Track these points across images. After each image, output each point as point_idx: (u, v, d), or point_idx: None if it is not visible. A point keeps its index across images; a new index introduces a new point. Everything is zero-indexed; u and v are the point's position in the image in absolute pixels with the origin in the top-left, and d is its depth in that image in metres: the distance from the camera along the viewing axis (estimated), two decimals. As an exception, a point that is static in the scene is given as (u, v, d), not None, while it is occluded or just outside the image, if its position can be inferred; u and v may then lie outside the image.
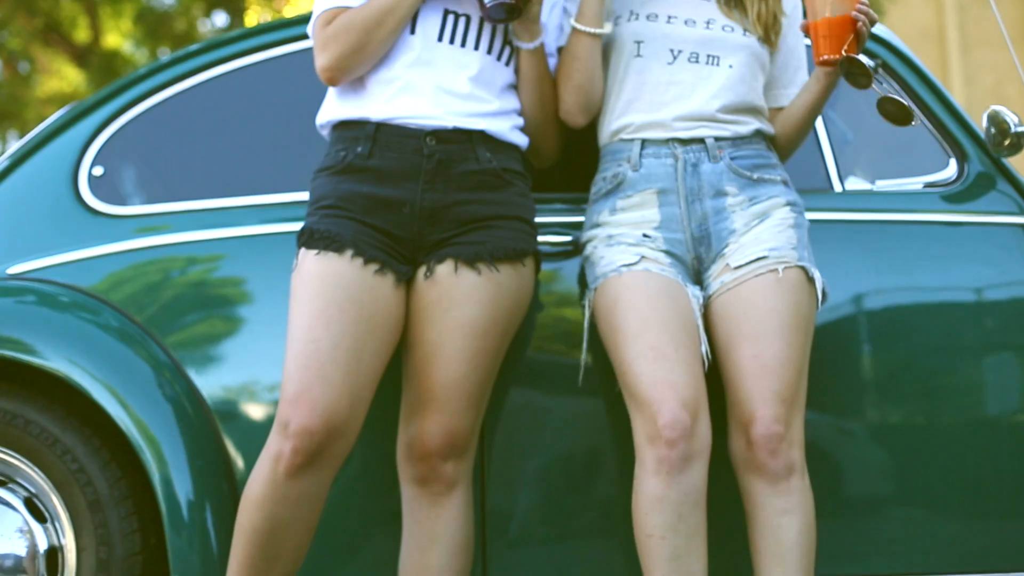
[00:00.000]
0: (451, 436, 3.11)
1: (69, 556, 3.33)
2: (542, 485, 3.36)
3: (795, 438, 3.05)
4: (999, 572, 3.27)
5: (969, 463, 3.32)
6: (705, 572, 3.05)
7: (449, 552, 3.15)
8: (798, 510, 3.04)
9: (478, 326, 3.10)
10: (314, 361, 2.99)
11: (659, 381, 3.03)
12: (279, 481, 2.99)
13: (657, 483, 3.01)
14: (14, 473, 3.38)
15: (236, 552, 3.06)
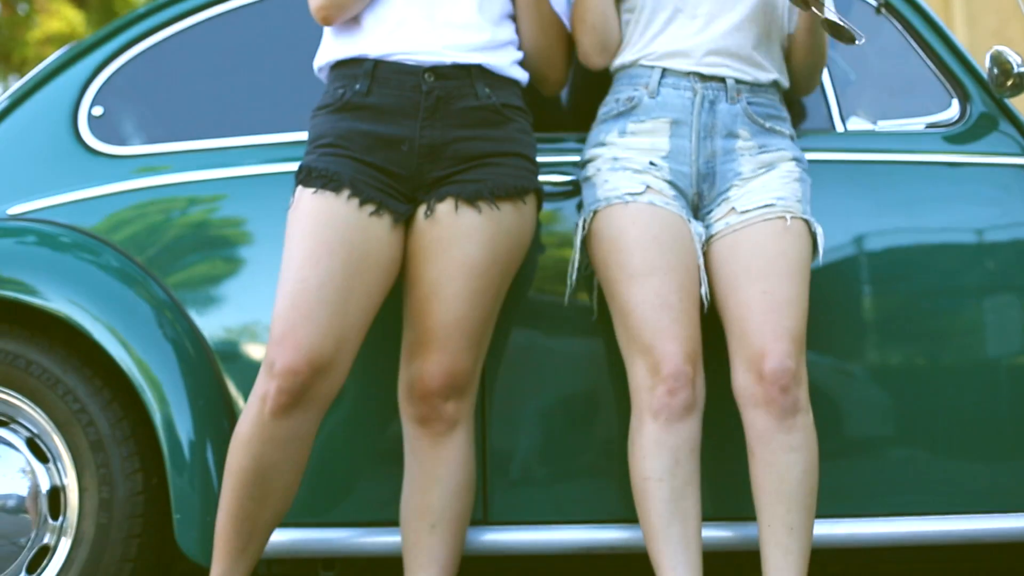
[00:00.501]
0: (452, 376, 3.11)
1: (71, 496, 3.34)
2: (542, 425, 3.37)
3: (802, 377, 3.07)
4: (998, 512, 3.28)
5: (969, 404, 3.32)
6: (700, 515, 3.07)
7: (451, 492, 3.16)
8: (803, 448, 3.05)
9: (478, 265, 3.09)
10: (301, 300, 2.99)
11: (663, 331, 3.04)
12: (265, 421, 3.00)
13: (656, 428, 3.04)
14: (16, 414, 3.38)
15: (225, 492, 3.07)
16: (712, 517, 3.27)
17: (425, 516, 3.16)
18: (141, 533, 3.28)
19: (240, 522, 3.07)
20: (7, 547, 3.33)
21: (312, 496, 3.34)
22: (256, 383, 3.03)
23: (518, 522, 3.32)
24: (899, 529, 3.28)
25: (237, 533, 3.08)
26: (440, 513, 3.16)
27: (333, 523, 3.33)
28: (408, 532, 3.17)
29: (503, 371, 3.35)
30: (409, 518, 3.18)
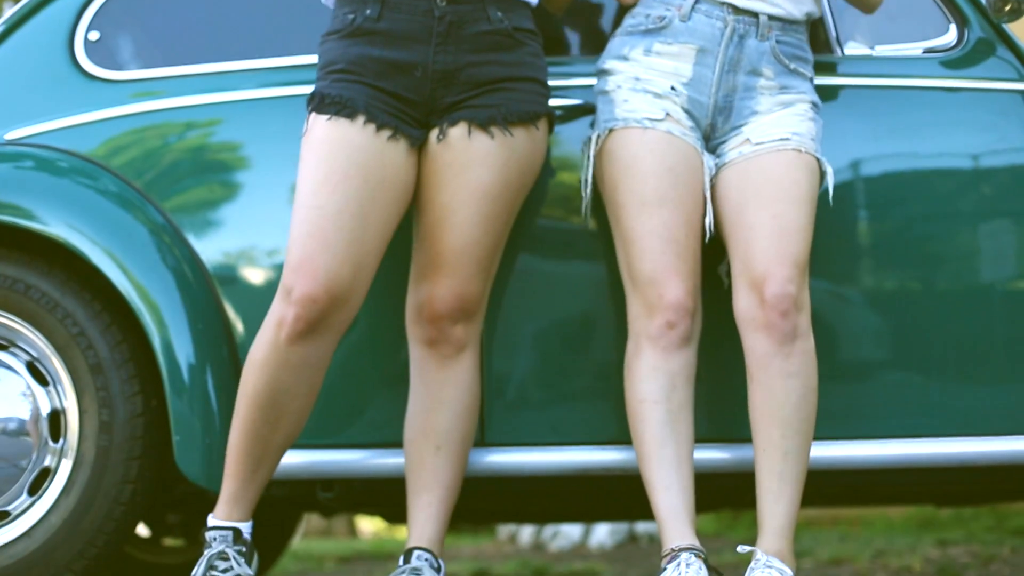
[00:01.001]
0: (461, 300, 3.13)
1: (71, 419, 3.35)
2: (540, 349, 3.39)
3: (804, 303, 3.08)
4: (992, 435, 3.30)
5: (964, 328, 3.33)
6: (692, 438, 3.09)
7: (456, 414, 3.18)
8: (801, 374, 3.07)
9: (490, 190, 3.10)
10: (317, 228, 2.99)
11: (667, 266, 3.06)
12: (281, 346, 3.02)
13: (653, 355, 3.06)
14: (15, 337, 3.39)
15: (239, 414, 3.10)
16: (709, 439, 3.29)
17: (430, 437, 3.18)
18: (141, 455, 3.30)
19: (252, 444, 3.10)
20: (8, 470, 3.35)
21: (311, 418, 3.34)
22: (272, 307, 3.04)
23: (515, 444, 3.34)
24: (894, 452, 3.30)
25: (249, 455, 3.10)
26: (446, 434, 3.18)
27: (332, 445, 3.35)
28: (412, 453, 3.20)
29: (502, 295, 3.35)
30: (414, 439, 3.20)
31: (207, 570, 3.10)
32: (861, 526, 7.88)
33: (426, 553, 3.13)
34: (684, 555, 2.99)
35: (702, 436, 3.26)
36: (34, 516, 3.33)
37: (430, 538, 3.16)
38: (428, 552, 3.14)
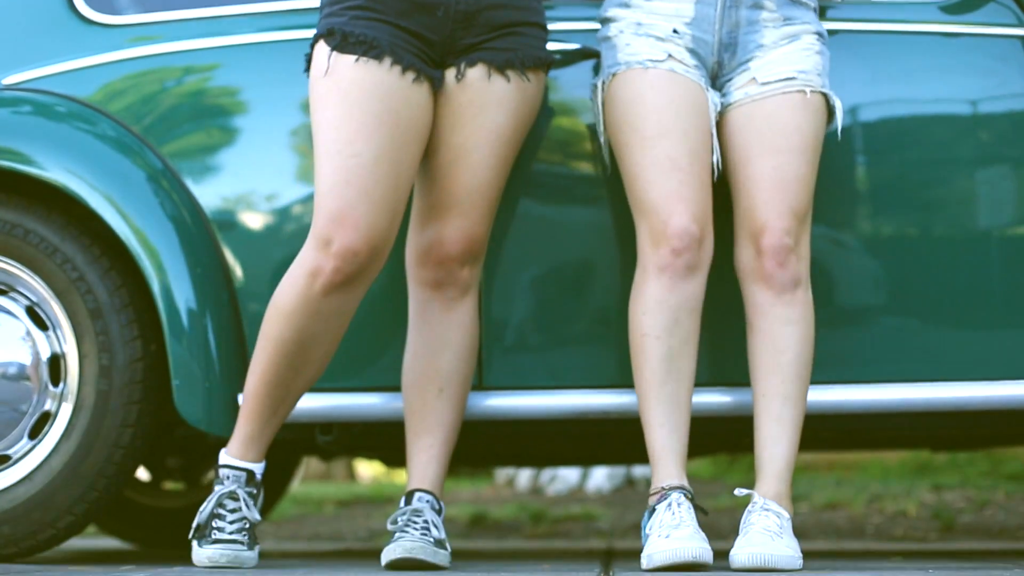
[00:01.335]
0: (471, 241, 3.13)
1: (71, 363, 3.36)
2: (538, 292, 3.39)
3: (803, 252, 3.09)
4: (988, 380, 3.31)
5: (961, 274, 3.33)
6: (693, 376, 3.10)
7: (459, 356, 3.20)
8: (800, 321, 3.09)
9: (505, 133, 3.11)
10: (356, 177, 2.97)
11: (672, 193, 3.05)
12: (314, 296, 3.01)
13: (658, 287, 3.06)
14: (15, 282, 3.39)
15: (262, 360, 3.09)
16: (711, 382, 3.31)
17: (434, 380, 3.19)
18: (141, 399, 3.31)
19: (274, 388, 3.10)
20: (8, 414, 3.36)
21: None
22: (304, 256, 3.02)
23: (514, 387, 3.35)
24: (890, 396, 3.30)
25: (270, 398, 3.11)
26: (448, 377, 3.19)
27: (331, 388, 3.36)
28: (414, 396, 3.20)
29: (500, 238, 3.35)
30: (415, 382, 3.20)
31: (216, 507, 3.12)
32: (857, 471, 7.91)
33: (427, 495, 3.15)
34: (674, 495, 3.01)
35: (701, 380, 3.27)
36: (35, 460, 3.34)
37: (431, 480, 3.17)
38: (429, 494, 3.16)
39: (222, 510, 3.11)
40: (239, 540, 3.10)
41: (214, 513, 3.11)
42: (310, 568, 3.17)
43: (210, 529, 3.11)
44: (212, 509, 3.12)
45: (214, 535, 3.10)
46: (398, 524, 3.10)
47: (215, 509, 3.11)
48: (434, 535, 3.08)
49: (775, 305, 3.08)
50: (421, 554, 3.01)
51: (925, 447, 4.56)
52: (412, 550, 3.01)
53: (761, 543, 2.92)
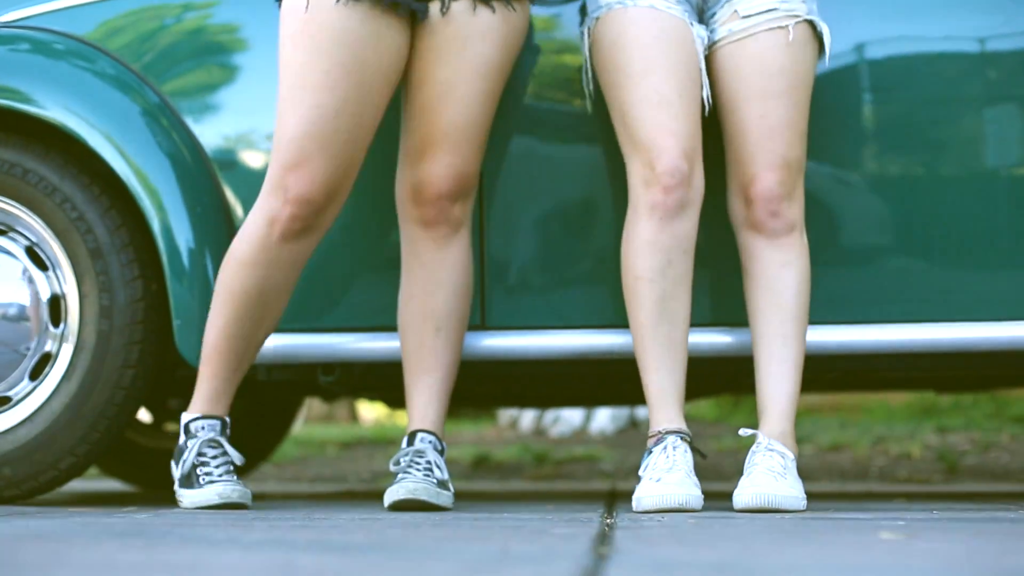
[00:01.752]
0: (461, 178, 3.11)
1: (71, 303, 3.35)
2: (540, 232, 3.37)
3: (796, 197, 3.07)
4: (993, 320, 3.29)
5: (967, 214, 3.31)
6: (688, 317, 3.09)
7: (455, 295, 3.18)
8: (796, 263, 3.08)
9: (491, 66, 3.07)
10: (316, 128, 2.98)
11: (660, 128, 3.02)
12: (273, 244, 3.04)
13: (649, 227, 3.04)
14: (14, 222, 3.38)
15: (222, 313, 3.11)
16: (711, 323, 3.29)
17: (430, 320, 3.17)
18: (141, 339, 3.30)
19: (236, 342, 3.12)
20: (9, 355, 3.35)
21: (311, 302, 3.35)
22: (260, 204, 3.04)
23: (516, 327, 3.34)
24: (895, 336, 3.29)
25: (233, 352, 3.12)
26: (445, 316, 3.18)
27: (332, 328, 3.35)
28: (411, 336, 3.19)
29: (501, 178, 3.34)
30: (412, 322, 3.19)
31: (197, 456, 3.11)
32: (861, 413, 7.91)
33: (430, 436, 3.14)
34: (670, 438, 3.00)
35: (703, 320, 3.26)
36: (36, 401, 3.33)
37: (432, 420, 3.16)
38: (432, 435, 3.14)
39: (204, 457, 3.11)
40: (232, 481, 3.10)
41: (197, 462, 3.11)
42: (312, 509, 3.17)
43: (197, 476, 3.11)
44: (194, 459, 3.11)
45: (204, 480, 3.09)
46: (400, 465, 3.10)
47: (197, 458, 3.11)
48: (437, 476, 3.07)
49: (769, 249, 3.07)
50: (424, 495, 3.00)
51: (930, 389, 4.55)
52: (415, 491, 3.00)
53: (765, 483, 2.91)
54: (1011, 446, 6.39)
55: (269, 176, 3.03)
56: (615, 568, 1.71)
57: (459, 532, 2.32)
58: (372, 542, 2.16)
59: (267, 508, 3.23)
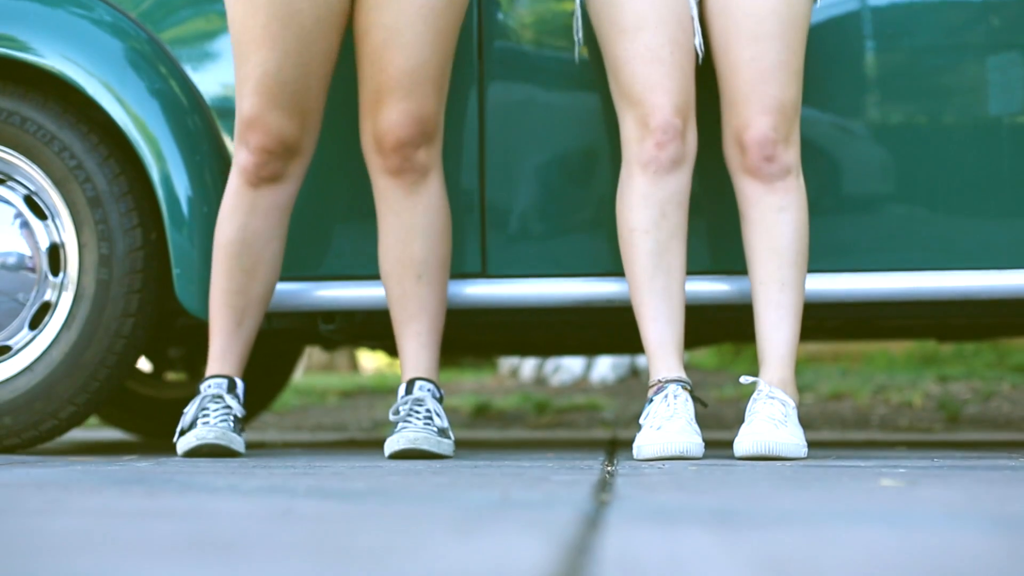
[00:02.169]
0: (421, 123, 3.09)
1: (71, 252, 3.34)
2: (541, 180, 3.36)
3: (791, 141, 3.06)
4: (996, 269, 3.28)
5: (969, 162, 3.30)
6: (684, 268, 3.08)
7: (432, 239, 3.16)
8: (793, 207, 3.06)
9: (436, 6, 3.05)
10: (262, 85, 3.05)
11: (653, 85, 3.02)
12: (247, 191, 3.12)
13: (644, 181, 3.04)
14: (12, 171, 3.36)
15: (217, 269, 3.17)
16: (710, 271, 3.29)
17: (409, 268, 3.16)
18: (141, 288, 3.29)
19: (233, 296, 3.14)
20: (9, 304, 3.34)
21: (311, 250, 3.34)
22: (235, 157, 3.12)
23: (516, 275, 3.33)
24: (897, 284, 3.28)
25: (232, 307, 3.14)
26: (425, 262, 3.16)
27: (332, 276, 3.34)
28: (393, 285, 3.18)
29: (501, 126, 3.32)
30: (393, 271, 3.18)
31: (199, 410, 3.11)
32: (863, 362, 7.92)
33: (427, 383, 3.14)
34: (671, 387, 3.00)
35: (704, 268, 3.26)
36: (35, 350, 3.33)
37: (426, 367, 3.16)
38: (429, 382, 3.14)
39: (206, 410, 3.11)
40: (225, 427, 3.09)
41: (198, 415, 3.11)
42: (313, 457, 3.17)
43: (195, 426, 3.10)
44: (196, 412, 3.11)
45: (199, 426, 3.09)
46: (400, 414, 3.09)
47: (198, 412, 3.11)
48: (437, 424, 3.07)
49: (766, 194, 3.06)
50: (425, 444, 3.00)
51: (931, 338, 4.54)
52: (416, 441, 3.00)
53: (765, 431, 2.91)
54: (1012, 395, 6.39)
55: (235, 128, 3.13)
56: (616, 514, 1.71)
57: (459, 479, 2.32)
58: (372, 489, 2.16)
59: (268, 456, 3.23)
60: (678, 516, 1.70)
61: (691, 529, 1.55)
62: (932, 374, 6.92)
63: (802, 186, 3.09)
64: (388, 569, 1.23)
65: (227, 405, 3.13)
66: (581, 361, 7.36)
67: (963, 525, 1.65)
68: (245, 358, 3.21)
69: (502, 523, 1.62)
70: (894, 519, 1.70)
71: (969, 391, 6.46)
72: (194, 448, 3.05)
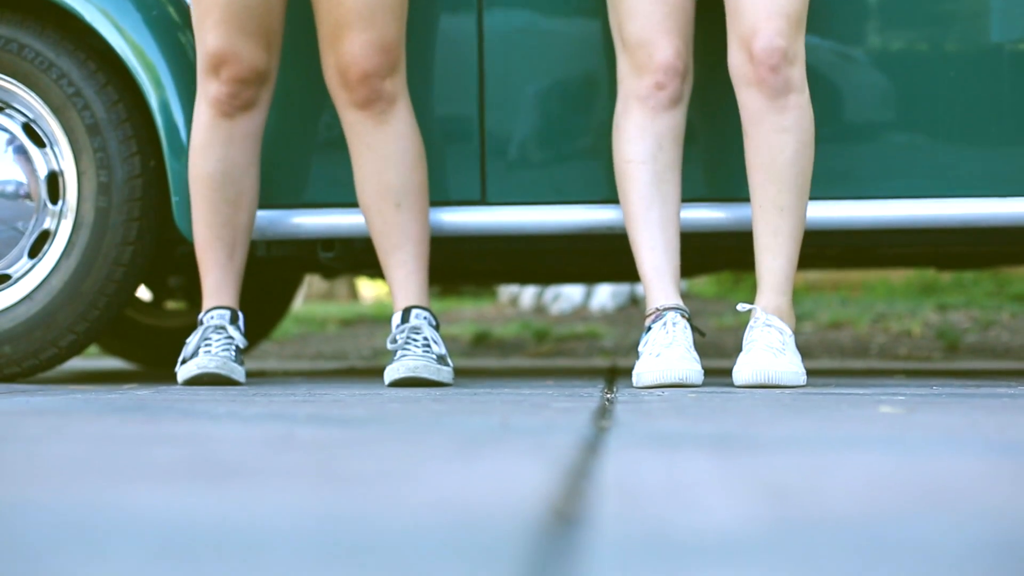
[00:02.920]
0: (385, 52, 3.09)
1: (69, 180, 3.33)
2: (540, 108, 3.34)
3: (796, 55, 3.02)
4: (994, 197, 3.27)
5: (970, 89, 3.28)
6: (679, 198, 3.08)
7: (406, 167, 3.15)
8: (796, 128, 3.03)
9: None
10: (229, 15, 3.08)
11: (656, 24, 3.02)
12: (221, 123, 3.12)
13: (641, 115, 3.04)
14: (11, 99, 3.35)
15: (199, 204, 3.17)
16: (707, 198, 3.28)
17: (387, 197, 3.16)
18: (140, 216, 3.28)
19: (220, 228, 3.15)
20: (7, 232, 3.34)
21: (311, 179, 3.33)
22: (201, 91, 3.13)
23: (515, 202, 3.32)
24: (897, 212, 3.27)
25: (220, 240, 3.14)
26: (402, 190, 3.16)
27: (332, 204, 3.33)
28: (374, 216, 3.18)
29: (500, 53, 3.30)
30: (371, 203, 3.17)
31: (202, 340, 3.12)
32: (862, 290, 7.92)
33: (423, 311, 3.14)
34: (669, 314, 3.00)
35: (702, 196, 3.25)
36: (35, 279, 3.33)
37: (416, 295, 3.16)
38: (424, 310, 3.14)
39: (209, 340, 3.12)
40: (227, 356, 3.09)
41: (200, 345, 3.12)
42: (313, 385, 3.17)
43: (196, 356, 3.11)
44: (198, 342, 3.12)
45: (200, 355, 3.10)
46: (398, 343, 3.09)
47: (200, 342, 3.12)
48: (435, 351, 3.07)
49: (769, 112, 3.02)
50: (425, 372, 3.00)
51: (931, 266, 4.54)
52: (416, 369, 3.00)
53: (764, 360, 2.91)
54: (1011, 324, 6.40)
55: (200, 63, 3.13)
56: (616, 440, 1.71)
57: (459, 406, 2.32)
58: (372, 416, 2.17)
59: (268, 384, 3.24)
60: (678, 442, 1.70)
61: (691, 454, 1.55)
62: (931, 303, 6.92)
63: (808, 108, 3.05)
64: (388, 492, 1.24)
65: (229, 336, 3.14)
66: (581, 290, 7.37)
67: (962, 450, 1.66)
68: (239, 288, 3.22)
69: (502, 448, 1.63)
70: (893, 444, 1.70)
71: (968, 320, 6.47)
72: (195, 376, 3.06)
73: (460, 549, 0.96)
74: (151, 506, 1.17)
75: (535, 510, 1.12)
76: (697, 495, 1.23)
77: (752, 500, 1.19)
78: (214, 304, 3.17)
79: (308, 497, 1.21)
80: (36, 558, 0.94)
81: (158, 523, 1.08)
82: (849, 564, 0.92)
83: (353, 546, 0.98)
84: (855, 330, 6.32)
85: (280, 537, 1.01)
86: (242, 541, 1.00)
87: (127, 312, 4.40)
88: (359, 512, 1.13)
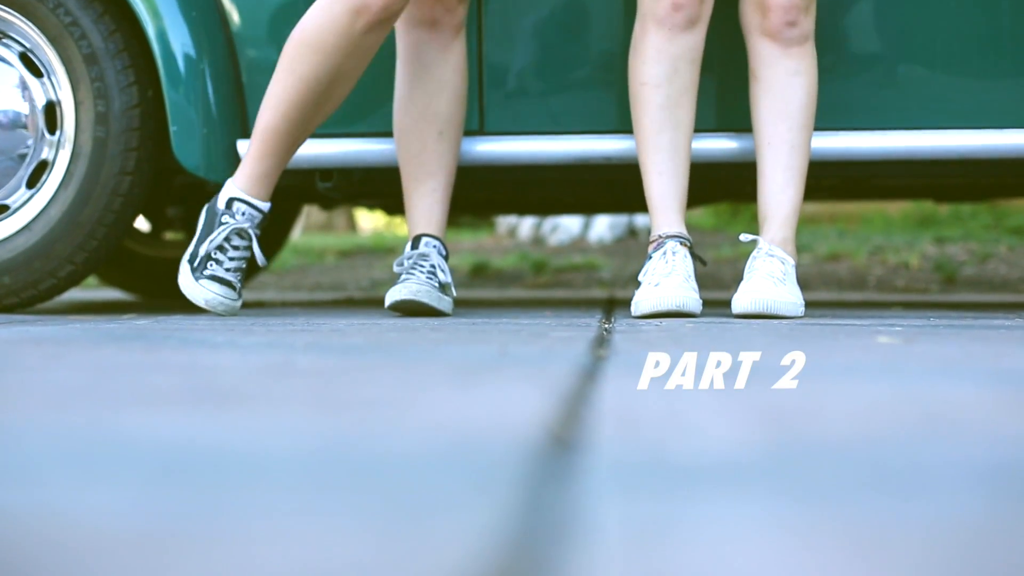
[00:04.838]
0: None
1: (67, 110, 3.32)
2: (539, 37, 3.33)
3: (811, 8, 3.04)
4: (996, 128, 3.27)
5: (968, 21, 3.27)
6: (692, 125, 3.07)
7: (457, 97, 3.17)
8: (806, 72, 3.05)
9: None
10: None
11: None
12: (356, 33, 2.99)
13: (658, 37, 3.02)
14: (7, 28, 3.33)
15: (286, 97, 3.04)
16: (718, 128, 3.27)
17: (433, 122, 3.16)
18: (138, 146, 3.28)
19: (295, 125, 3.06)
20: (5, 163, 3.33)
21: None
22: None
23: (513, 132, 3.32)
24: (894, 143, 3.27)
25: (290, 135, 3.06)
26: (447, 119, 3.16)
27: (331, 134, 3.32)
28: (412, 140, 3.17)
29: (500, -18, 3.29)
30: (413, 126, 3.17)
31: (224, 241, 3.08)
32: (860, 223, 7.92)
33: (434, 240, 3.14)
34: (670, 243, 3.00)
35: (712, 126, 3.24)
36: (33, 209, 3.32)
37: (436, 225, 3.16)
38: (436, 239, 3.14)
39: (228, 245, 3.08)
40: (232, 283, 3.07)
41: (220, 246, 3.07)
42: (312, 316, 3.18)
43: (207, 260, 3.07)
44: (220, 241, 3.07)
45: (210, 268, 3.07)
46: (404, 267, 3.10)
47: (223, 243, 3.07)
48: (440, 279, 3.07)
49: (782, 58, 3.04)
50: (425, 297, 3.01)
51: (929, 198, 4.54)
52: (417, 292, 3.00)
53: (764, 288, 2.91)
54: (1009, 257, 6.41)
55: None
56: (613, 368, 1.72)
57: (457, 335, 2.33)
58: (371, 344, 2.17)
59: (267, 315, 3.24)
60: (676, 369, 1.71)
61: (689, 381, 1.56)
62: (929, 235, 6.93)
63: (815, 53, 3.07)
64: (387, 418, 1.24)
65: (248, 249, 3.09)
66: (579, 221, 7.37)
67: (958, 378, 1.66)
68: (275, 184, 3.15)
69: (500, 375, 1.63)
70: (891, 373, 1.71)
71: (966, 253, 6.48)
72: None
73: (459, 472, 0.97)
74: (151, 431, 1.18)
75: (534, 435, 1.12)
76: (695, 421, 1.23)
77: (750, 426, 1.20)
78: (249, 190, 3.08)
79: (307, 422, 1.22)
80: (36, 481, 0.95)
81: (158, 447, 1.08)
82: (848, 486, 0.92)
83: (353, 469, 0.98)
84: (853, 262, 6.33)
85: (280, 460, 1.02)
86: (242, 464, 1.01)
87: (126, 243, 4.40)
88: (358, 437, 1.13)
